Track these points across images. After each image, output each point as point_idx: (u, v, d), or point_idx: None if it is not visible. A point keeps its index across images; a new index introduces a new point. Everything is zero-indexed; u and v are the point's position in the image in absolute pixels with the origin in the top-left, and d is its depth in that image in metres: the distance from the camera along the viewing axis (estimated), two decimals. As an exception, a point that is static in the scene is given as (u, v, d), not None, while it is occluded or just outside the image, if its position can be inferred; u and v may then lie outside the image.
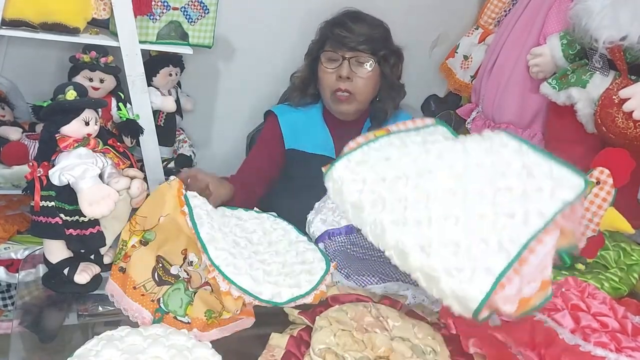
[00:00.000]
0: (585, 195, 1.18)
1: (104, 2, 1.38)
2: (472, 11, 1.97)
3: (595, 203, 1.29)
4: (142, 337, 0.86)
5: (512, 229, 0.75)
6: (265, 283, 0.96)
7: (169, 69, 1.61)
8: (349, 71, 1.49)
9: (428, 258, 0.75)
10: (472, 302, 0.72)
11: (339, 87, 1.51)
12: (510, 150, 0.84)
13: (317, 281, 1.04)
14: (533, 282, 0.75)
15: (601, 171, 1.29)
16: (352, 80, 1.50)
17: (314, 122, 1.60)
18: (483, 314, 0.72)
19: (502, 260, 0.72)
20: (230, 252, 0.98)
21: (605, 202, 1.29)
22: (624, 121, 1.35)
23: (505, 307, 0.72)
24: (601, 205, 1.29)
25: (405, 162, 0.86)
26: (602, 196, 1.29)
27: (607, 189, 1.28)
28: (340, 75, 1.50)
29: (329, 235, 1.36)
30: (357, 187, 0.86)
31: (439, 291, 0.75)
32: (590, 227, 1.30)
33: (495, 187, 0.79)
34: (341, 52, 1.50)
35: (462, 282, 0.72)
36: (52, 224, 1.10)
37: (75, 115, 1.13)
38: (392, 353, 0.90)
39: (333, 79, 1.52)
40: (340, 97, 1.52)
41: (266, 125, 1.64)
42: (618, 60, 1.37)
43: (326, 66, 1.52)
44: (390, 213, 0.81)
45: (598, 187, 1.29)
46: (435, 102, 2.04)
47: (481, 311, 0.71)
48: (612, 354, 0.99)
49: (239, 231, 1.11)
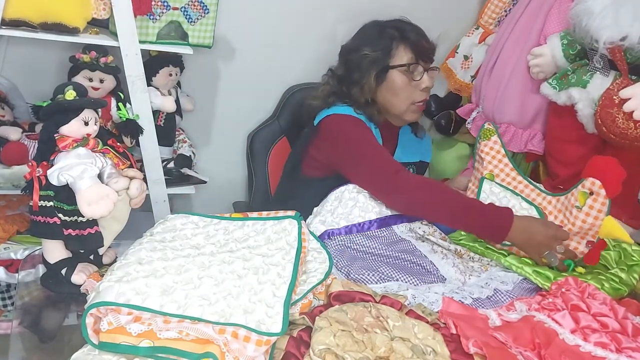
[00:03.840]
0: (580, 207, 1.31)
1: (104, 2, 1.38)
2: (473, 11, 1.97)
3: (592, 215, 1.30)
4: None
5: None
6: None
7: (168, 69, 1.61)
8: (432, 82, 1.58)
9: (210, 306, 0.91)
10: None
11: (424, 99, 1.57)
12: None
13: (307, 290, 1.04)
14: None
15: (592, 182, 1.29)
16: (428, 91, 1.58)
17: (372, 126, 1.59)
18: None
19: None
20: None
21: (600, 213, 1.29)
22: (625, 121, 1.35)
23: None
24: (597, 216, 1.29)
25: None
26: (597, 207, 1.29)
27: (601, 200, 1.28)
28: (426, 86, 1.56)
29: (328, 235, 1.36)
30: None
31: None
32: (589, 234, 1.31)
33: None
34: (422, 64, 1.56)
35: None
36: (50, 223, 1.10)
37: (75, 115, 1.13)
38: (392, 353, 0.90)
39: (416, 90, 1.56)
40: (420, 107, 1.58)
41: (349, 119, 1.53)
42: (618, 60, 1.37)
43: (411, 78, 1.54)
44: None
45: (592, 198, 1.29)
46: (435, 102, 2.04)
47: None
48: (613, 354, 0.99)
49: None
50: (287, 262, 1.05)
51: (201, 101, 1.80)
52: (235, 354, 0.84)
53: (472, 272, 1.28)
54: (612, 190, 1.28)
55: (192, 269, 1.01)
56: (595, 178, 1.29)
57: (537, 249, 1.29)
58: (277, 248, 1.10)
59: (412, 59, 1.54)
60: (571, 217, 1.33)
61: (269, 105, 1.84)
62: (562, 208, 1.37)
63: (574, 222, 1.33)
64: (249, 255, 1.07)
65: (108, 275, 0.98)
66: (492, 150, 1.50)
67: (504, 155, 1.50)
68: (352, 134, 1.49)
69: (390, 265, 1.24)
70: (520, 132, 1.71)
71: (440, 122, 2.01)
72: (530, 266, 1.29)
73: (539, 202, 1.42)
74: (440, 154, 2.05)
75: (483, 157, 1.50)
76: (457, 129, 2.01)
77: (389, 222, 1.39)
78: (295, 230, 1.15)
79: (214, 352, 0.82)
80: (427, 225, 1.43)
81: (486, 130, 1.53)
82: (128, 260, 1.02)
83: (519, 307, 1.12)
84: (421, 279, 1.22)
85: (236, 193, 1.95)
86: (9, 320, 1.45)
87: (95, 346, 0.85)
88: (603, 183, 1.28)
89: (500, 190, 1.45)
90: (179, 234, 1.15)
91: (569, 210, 1.34)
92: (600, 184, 1.28)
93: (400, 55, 1.54)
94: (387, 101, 1.57)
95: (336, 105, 1.57)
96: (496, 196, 1.44)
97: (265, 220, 1.20)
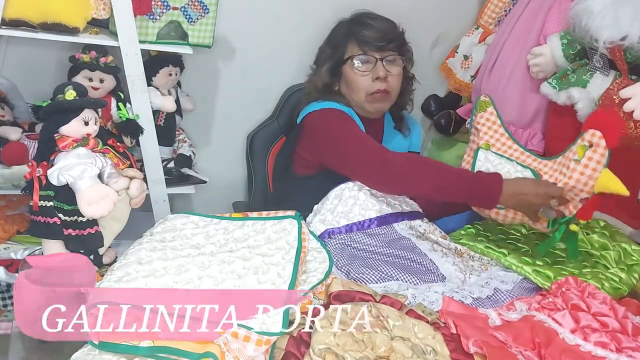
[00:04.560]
0: (578, 160, 1.27)
1: (103, 2, 1.38)
2: (472, 11, 1.96)
3: (590, 166, 1.26)
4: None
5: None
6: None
7: (168, 68, 1.60)
8: (385, 71, 1.55)
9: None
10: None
11: (378, 89, 1.56)
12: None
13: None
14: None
15: (592, 134, 1.26)
16: (387, 80, 1.56)
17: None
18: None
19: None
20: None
21: (599, 165, 1.25)
22: (625, 121, 1.35)
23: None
24: (595, 168, 1.25)
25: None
26: (596, 159, 1.25)
27: (601, 151, 1.25)
28: (378, 76, 1.54)
29: (328, 234, 1.36)
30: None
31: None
32: (585, 190, 1.27)
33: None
34: (371, 53, 1.55)
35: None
36: (50, 223, 1.10)
37: (75, 115, 1.14)
38: (392, 353, 0.90)
39: (369, 81, 1.56)
40: (376, 97, 1.57)
41: (332, 112, 1.53)
42: (618, 60, 1.37)
43: (360, 69, 1.55)
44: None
45: (591, 149, 1.26)
46: (435, 102, 2.04)
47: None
48: (613, 354, 0.99)
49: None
50: (287, 262, 1.05)
51: (201, 101, 1.79)
52: (235, 353, 0.84)
53: (472, 271, 1.28)
54: (612, 139, 1.25)
55: (192, 269, 1.01)
56: (595, 129, 1.26)
57: (531, 208, 1.30)
58: (277, 248, 1.10)
59: (358, 51, 1.56)
60: (568, 172, 1.29)
61: (268, 105, 1.84)
62: (558, 167, 1.34)
63: (570, 176, 1.28)
64: (249, 255, 1.07)
65: (108, 275, 0.98)
66: (487, 122, 1.49)
67: (499, 125, 1.48)
68: (333, 129, 1.49)
69: (390, 264, 1.24)
70: (520, 131, 1.71)
71: (440, 122, 2.01)
72: (530, 266, 1.29)
73: (534, 166, 1.39)
74: (440, 153, 2.05)
75: (479, 129, 1.49)
76: (457, 128, 2.01)
77: (389, 220, 1.39)
78: (295, 230, 1.15)
79: (214, 352, 0.82)
80: (428, 224, 1.43)
81: (482, 102, 1.51)
82: (128, 260, 1.03)
83: (519, 306, 1.12)
84: (421, 277, 1.22)
85: (236, 193, 1.95)
86: (9, 320, 1.45)
87: (95, 346, 0.85)
88: (603, 133, 1.25)
89: (495, 158, 1.43)
90: (179, 234, 1.15)
91: (566, 165, 1.31)
92: (600, 134, 1.25)
93: (350, 49, 1.58)
94: (347, 94, 1.60)
95: (317, 102, 1.59)
96: (491, 163, 1.42)
97: (265, 220, 1.20)
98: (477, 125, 1.49)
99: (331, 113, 1.53)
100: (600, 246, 1.39)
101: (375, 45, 1.55)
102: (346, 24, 1.63)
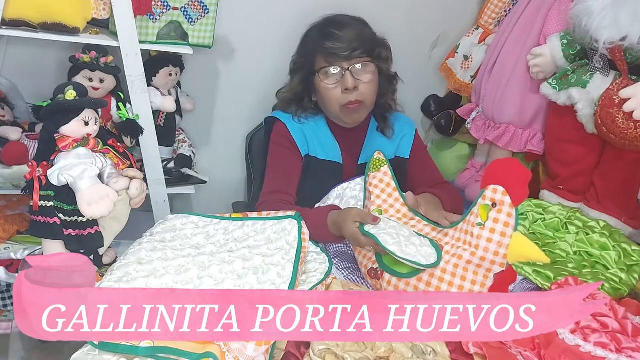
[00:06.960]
0: (482, 223, 1.07)
1: (104, 2, 1.38)
2: (472, 11, 1.96)
3: (497, 230, 1.06)
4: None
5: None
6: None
7: (169, 69, 1.60)
8: (354, 81, 1.44)
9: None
10: None
11: (349, 100, 1.45)
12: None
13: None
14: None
15: (494, 190, 1.07)
16: (359, 89, 1.45)
17: (319, 130, 1.56)
18: None
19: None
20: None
21: (507, 227, 1.05)
22: (625, 121, 1.35)
23: None
24: (504, 232, 1.05)
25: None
26: (503, 220, 1.06)
27: (507, 210, 1.06)
28: (346, 87, 1.44)
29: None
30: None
31: None
32: (496, 262, 1.06)
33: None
34: (338, 64, 1.45)
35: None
36: (50, 223, 1.10)
37: (75, 115, 1.14)
38: (392, 353, 0.90)
39: (339, 93, 1.46)
40: (350, 108, 1.47)
41: (276, 132, 1.56)
42: (618, 60, 1.37)
43: (328, 83, 1.47)
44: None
45: (495, 209, 1.06)
46: (435, 102, 2.04)
47: None
48: (613, 354, 0.99)
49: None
50: (287, 262, 1.05)
51: (201, 101, 1.80)
52: (236, 354, 0.84)
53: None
54: (518, 196, 1.05)
55: (192, 269, 1.01)
56: (497, 184, 1.07)
57: (353, 236, 1.18)
58: (277, 248, 1.10)
59: (324, 64, 1.47)
60: (474, 240, 1.08)
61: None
62: (461, 236, 1.13)
63: (477, 245, 1.07)
64: (249, 255, 1.07)
65: (108, 275, 0.98)
66: (381, 183, 1.32)
67: (394, 188, 1.31)
68: (271, 152, 1.56)
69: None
70: (520, 132, 1.71)
71: (440, 122, 2.01)
72: (530, 266, 1.29)
73: (433, 236, 1.19)
74: (440, 154, 2.06)
75: (371, 191, 1.31)
76: (457, 129, 2.01)
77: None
78: (295, 230, 1.15)
79: (214, 352, 0.82)
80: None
81: (375, 161, 1.36)
82: (128, 260, 1.03)
83: (518, 307, 1.12)
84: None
85: (236, 193, 1.95)
86: (9, 320, 1.45)
87: (95, 346, 0.85)
88: (507, 188, 1.06)
89: (392, 221, 1.23)
90: (179, 234, 1.15)
91: (469, 232, 1.09)
92: (503, 189, 1.06)
93: (318, 62, 1.49)
94: (322, 106, 1.55)
95: (276, 111, 1.62)
96: (388, 225, 1.21)
97: (265, 221, 1.20)
98: (370, 187, 1.33)
99: (273, 132, 1.57)
100: (600, 246, 1.39)
101: (341, 55, 1.44)
102: (313, 34, 1.54)
